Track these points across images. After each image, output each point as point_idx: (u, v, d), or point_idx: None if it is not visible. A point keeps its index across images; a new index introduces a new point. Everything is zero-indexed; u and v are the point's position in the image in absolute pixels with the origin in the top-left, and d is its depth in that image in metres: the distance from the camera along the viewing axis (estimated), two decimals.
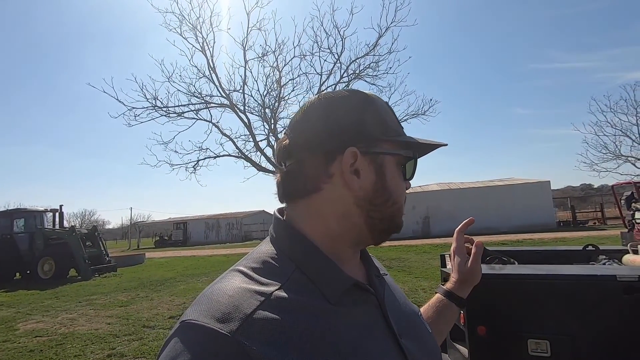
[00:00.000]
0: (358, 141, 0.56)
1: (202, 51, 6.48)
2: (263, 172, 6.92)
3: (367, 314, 0.53)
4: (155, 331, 5.25)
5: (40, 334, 5.50)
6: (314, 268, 0.52)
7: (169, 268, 13.19)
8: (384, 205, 0.56)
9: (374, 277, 0.60)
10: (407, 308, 0.63)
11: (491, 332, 2.12)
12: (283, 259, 0.52)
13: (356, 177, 0.55)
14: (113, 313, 6.54)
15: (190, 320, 0.43)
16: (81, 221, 71.09)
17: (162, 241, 34.22)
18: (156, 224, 45.86)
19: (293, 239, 0.55)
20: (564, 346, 1.99)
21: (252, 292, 0.46)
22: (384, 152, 0.57)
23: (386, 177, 0.56)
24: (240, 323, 0.42)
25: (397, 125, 0.59)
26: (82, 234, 13.04)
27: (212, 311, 0.43)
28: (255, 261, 0.53)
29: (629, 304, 1.93)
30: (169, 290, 8.45)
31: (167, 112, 6.54)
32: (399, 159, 0.58)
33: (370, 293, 0.55)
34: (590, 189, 42.58)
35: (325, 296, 0.49)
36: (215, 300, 0.45)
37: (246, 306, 0.44)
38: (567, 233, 15.31)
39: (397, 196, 0.57)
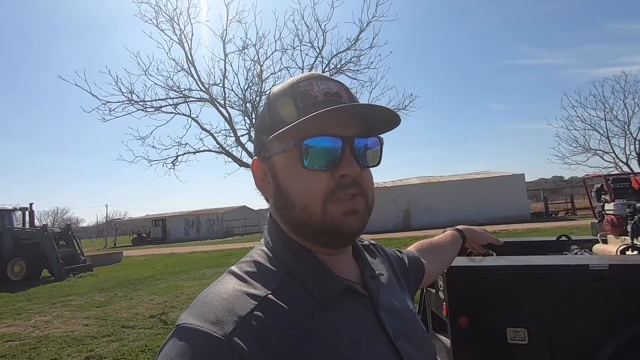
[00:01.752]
0: (259, 149, 0.57)
1: (180, 44, 6.29)
2: (244, 167, 6.81)
3: (360, 318, 0.51)
4: (135, 331, 5.13)
5: (12, 338, 5.27)
6: (304, 272, 0.51)
7: (148, 266, 12.88)
8: (285, 209, 0.53)
9: (369, 279, 0.58)
10: (403, 308, 0.61)
11: (472, 322, 2.19)
12: (275, 263, 0.52)
13: (269, 184, 0.56)
14: (90, 314, 6.34)
15: (185, 323, 0.44)
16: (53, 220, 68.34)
17: (140, 239, 33.34)
18: (133, 221, 44.64)
19: (283, 241, 0.54)
20: (541, 333, 2.08)
21: (246, 295, 0.46)
22: (272, 154, 0.54)
23: (279, 179, 0.53)
24: (234, 326, 0.42)
25: (287, 114, 0.51)
26: (54, 233, 12.55)
27: (206, 314, 0.44)
28: (248, 264, 0.53)
29: (600, 292, 2.04)
30: (149, 289, 8.26)
31: (144, 107, 6.32)
32: (292, 154, 0.51)
33: (363, 296, 0.54)
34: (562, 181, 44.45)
35: (316, 301, 0.49)
36: (210, 303, 0.46)
37: (240, 309, 0.44)
38: (540, 224, 15.93)
39: (296, 196, 0.51)
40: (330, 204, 0.50)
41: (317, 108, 0.49)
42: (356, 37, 6.43)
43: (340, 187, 0.50)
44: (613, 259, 2.37)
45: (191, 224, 34.97)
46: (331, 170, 0.50)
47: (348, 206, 0.50)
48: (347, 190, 0.50)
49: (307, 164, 0.50)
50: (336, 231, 0.50)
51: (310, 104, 0.51)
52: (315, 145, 0.49)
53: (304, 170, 0.50)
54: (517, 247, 3.32)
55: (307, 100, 0.51)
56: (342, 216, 0.50)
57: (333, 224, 0.50)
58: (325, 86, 0.54)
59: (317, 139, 0.49)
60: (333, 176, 0.50)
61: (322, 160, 0.50)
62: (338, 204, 0.50)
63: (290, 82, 0.55)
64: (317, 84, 0.54)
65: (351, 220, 0.51)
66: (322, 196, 0.50)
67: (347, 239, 0.54)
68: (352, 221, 0.51)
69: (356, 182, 0.51)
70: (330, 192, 0.50)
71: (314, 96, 0.52)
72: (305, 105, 0.51)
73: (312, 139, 0.49)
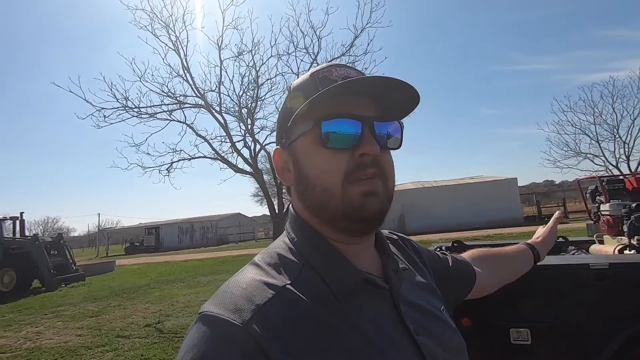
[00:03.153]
0: (280, 138, 0.58)
1: (176, 50, 6.28)
2: (240, 173, 6.78)
3: (378, 311, 0.51)
4: (130, 341, 5.03)
5: (3, 350, 5.14)
6: (322, 263, 0.51)
7: (142, 275, 12.70)
8: (306, 193, 0.53)
9: (392, 272, 0.57)
10: (428, 304, 0.59)
11: (475, 323, 2.19)
12: (295, 254, 0.53)
13: (289, 172, 0.56)
14: (83, 324, 6.21)
15: (206, 311, 0.45)
16: (43, 229, 67.06)
17: (133, 247, 32.86)
18: (126, 229, 44.08)
19: (302, 232, 0.55)
20: (544, 333, 2.09)
21: (265, 284, 0.47)
22: (293, 139, 0.54)
23: (300, 163, 0.53)
24: (253, 314, 0.43)
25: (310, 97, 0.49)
26: (46, 242, 12.32)
27: (226, 303, 0.45)
28: (270, 255, 0.54)
29: (601, 290, 2.06)
30: (143, 298, 8.13)
31: (139, 113, 6.28)
32: (312, 135, 0.51)
33: (383, 289, 0.53)
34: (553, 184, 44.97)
35: (334, 293, 0.49)
36: (230, 292, 0.47)
37: (258, 298, 0.45)
38: (534, 227, 15.94)
39: (317, 178, 0.51)
40: (349, 185, 0.49)
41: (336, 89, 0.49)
42: (350, 43, 6.48)
43: (360, 166, 0.49)
44: (612, 257, 2.40)
45: (185, 232, 34.62)
46: (351, 149, 0.50)
47: (367, 186, 0.49)
48: (367, 169, 0.49)
49: (327, 143, 0.49)
50: (356, 214, 0.49)
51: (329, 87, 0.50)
52: (334, 124, 0.49)
53: (324, 150, 0.50)
54: None
55: (326, 84, 0.51)
56: (361, 197, 0.49)
57: (353, 206, 0.49)
58: (344, 72, 0.54)
59: (336, 119, 0.49)
60: (353, 155, 0.49)
61: (342, 140, 0.49)
62: (357, 185, 0.49)
63: (311, 72, 0.56)
64: (337, 70, 0.54)
65: (371, 201, 0.49)
66: (341, 175, 0.49)
67: (368, 224, 0.52)
68: (372, 202, 0.49)
69: (376, 162, 0.50)
70: (350, 172, 0.49)
71: (333, 80, 0.52)
72: (324, 88, 0.50)
73: (331, 119, 0.49)
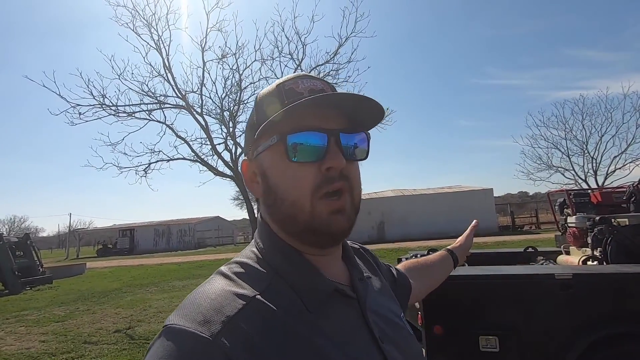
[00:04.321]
0: (247, 149, 0.58)
1: (157, 49, 6.17)
2: (220, 176, 6.68)
3: (348, 320, 0.51)
4: (98, 347, 4.84)
5: None
6: (293, 274, 0.51)
7: (114, 278, 12.27)
8: (274, 206, 0.53)
9: (357, 281, 0.58)
10: (390, 311, 0.61)
11: (446, 331, 2.24)
12: (264, 264, 0.52)
13: (258, 184, 0.56)
14: (48, 329, 5.93)
15: (172, 324, 0.43)
16: (9, 228, 63.91)
17: (105, 250, 31.70)
18: (99, 230, 42.51)
19: (272, 242, 0.54)
20: (511, 340, 2.15)
21: (234, 295, 0.46)
22: (259, 152, 0.54)
23: (268, 176, 0.53)
24: (222, 326, 0.42)
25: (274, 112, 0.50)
26: (11, 242, 11.75)
27: (193, 314, 0.43)
28: (238, 265, 0.53)
29: (565, 299, 2.15)
30: (114, 303, 7.84)
31: (117, 112, 6.11)
32: (277, 149, 0.51)
33: (351, 298, 0.54)
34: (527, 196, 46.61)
35: (305, 304, 0.49)
36: (197, 303, 0.45)
37: (228, 310, 0.44)
38: (508, 237, 16.56)
39: (285, 192, 0.51)
40: (318, 202, 0.49)
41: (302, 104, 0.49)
42: (335, 51, 6.56)
43: (327, 180, 0.50)
44: (576, 268, 2.51)
45: (161, 235, 33.70)
46: (317, 163, 0.50)
47: (334, 205, 0.50)
48: (334, 183, 0.50)
49: (292, 158, 0.49)
50: (324, 230, 0.50)
51: (295, 100, 0.50)
52: (299, 138, 0.49)
53: (291, 164, 0.50)
54: (488, 257, 3.44)
55: (292, 97, 0.51)
56: (329, 215, 0.50)
57: (321, 222, 0.50)
58: (310, 84, 0.54)
59: (301, 133, 0.49)
60: (320, 169, 0.50)
61: (308, 153, 0.50)
62: (325, 203, 0.49)
63: (277, 83, 0.56)
64: (302, 82, 0.54)
65: (338, 219, 0.50)
66: (310, 190, 0.49)
67: (335, 238, 0.53)
68: (339, 220, 0.51)
69: (343, 175, 0.51)
70: (318, 186, 0.49)
71: (299, 93, 0.52)
72: (290, 101, 0.51)
73: (296, 133, 0.49)
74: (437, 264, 1.03)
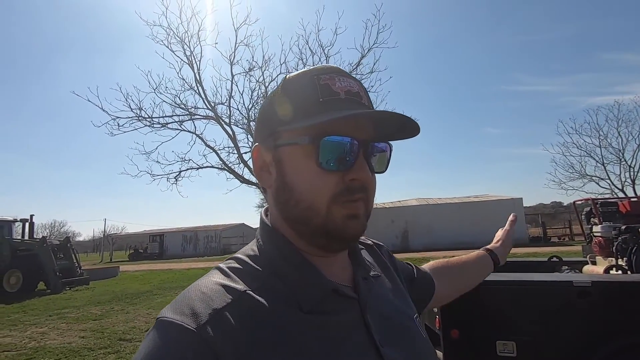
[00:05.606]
0: (263, 136, 0.54)
1: (189, 64, 6.57)
2: (246, 184, 6.97)
3: (344, 321, 0.50)
4: (132, 344, 5.14)
5: (8, 348, 5.26)
6: (289, 273, 0.50)
7: (145, 281, 12.82)
8: (287, 204, 0.51)
9: (361, 280, 0.56)
10: (400, 313, 0.58)
11: (463, 335, 2.29)
12: (261, 262, 0.52)
13: (269, 174, 0.54)
14: (87, 327, 6.33)
15: (162, 317, 0.45)
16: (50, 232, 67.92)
17: (136, 254, 33.06)
18: (131, 236, 44.33)
19: (273, 241, 0.54)
20: (528, 346, 2.19)
21: (225, 289, 0.47)
22: (280, 144, 0.51)
23: (284, 173, 0.51)
24: (208, 319, 0.43)
25: (306, 105, 0.49)
26: (53, 245, 12.54)
27: (182, 307, 0.44)
28: (235, 261, 0.53)
29: (584, 307, 2.16)
30: (146, 304, 8.24)
31: (152, 123, 6.54)
32: (305, 149, 0.49)
33: (351, 299, 0.52)
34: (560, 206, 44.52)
35: (299, 303, 0.48)
36: (189, 297, 0.46)
37: (216, 303, 0.45)
38: (538, 248, 15.93)
39: (302, 194, 0.49)
40: (333, 206, 0.49)
41: (339, 105, 0.48)
42: (357, 62, 6.73)
43: (348, 190, 0.49)
44: (595, 276, 2.49)
45: (189, 240, 34.76)
46: (342, 172, 0.49)
47: (351, 209, 0.50)
48: (354, 194, 0.49)
49: (321, 163, 0.48)
50: (338, 234, 0.50)
51: (332, 100, 0.49)
52: (332, 145, 0.48)
53: (316, 168, 0.48)
54: (512, 266, 3.44)
55: (329, 95, 0.49)
56: (344, 219, 0.49)
57: (335, 227, 0.49)
58: (347, 84, 0.52)
59: (335, 138, 0.48)
60: (343, 178, 0.49)
61: (336, 161, 0.48)
62: (341, 207, 0.49)
63: (310, 72, 0.53)
64: (339, 80, 0.52)
65: (353, 224, 0.50)
66: (329, 197, 0.49)
67: (347, 243, 0.53)
68: (354, 225, 0.50)
69: (364, 187, 0.50)
70: (338, 194, 0.49)
71: (336, 92, 0.50)
72: (326, 100, 0.49)
73: (330, 137, 0.48)
74: (472, 265, 0.95)
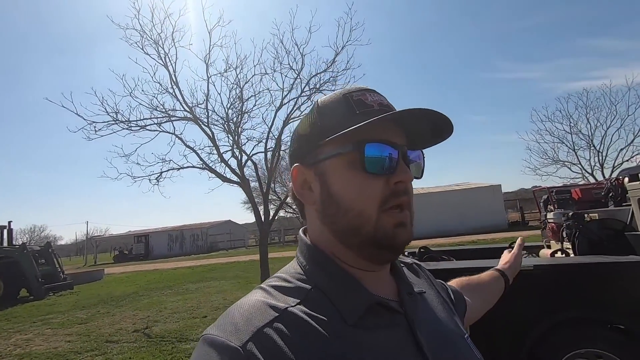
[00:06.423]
0: (303, 155, 0.56)
1: (165, 66, 6.57)
2: (227, 182, 7.06)
3: (392, 336, 0.49)
4: (119, 345, 5.23)
5: None
6: (332, 286, 0.50)
7: (131, 283, 12.78)
8: (336, 216, 0.51)
9: (406, 295, 0.55)
10: (449, 330, 0.57)
11: None
12: (303, 278, 0.52)
13: (310, 191, 0.55)
14: (72, 331, 6.36)
15: (206, 334, 0.46)
16: (30, 238, 65.96)
17: (121, 256, 32.58)
18: (115, 237, 43.64)
19: (313, 256, 0.54)
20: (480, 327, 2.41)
21: (267, 306, 0.47)
22: (322, 158, 0.53)
23: (329, 185, 0.52)
24: (250, 336, 0.43)
25: (344, 119, 0.51)
26: (34, 251, 12.35)
27: (226, 325, 0.45)
28: (277, 279, 0.53)
29: (527, 288, 2.40)
30: (132, 305, 8.28)
31: (129, 126, 6.54)
32: (348, 157, 0.51)
33: (398, 313, 0.52)
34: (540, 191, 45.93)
35: (343, 317, 0.47)
36: (232, 314, 0.47)
37: (258, 320, 0.45)
38: (517, 232, 16.55)
39: (351, 202, 0.50)
40: (383, 214, 0.50)
41: (375, 115, 0.49)
42: (332, 59, 6.87)
43: (394, 194, 0.50)
44: (538, 260, 2.75)
45: (175, 240, 34.47)
46: (386, 176, 0.50)
47: (399, 218, 0.50)
48: (401, 197, 0.50)
49: (367, 167, 0.49)
50: (387, 242, 0.50)
51: (367, 111, 0.51)
52: (375, 150, 0.49)
53: (361, 175, 0.50)
54: (472, 253, 3.69)
55: (363, 107, 0.51)
56: (393, 228, 0.50)
57: (385, 234, 0.50)
58: (378, 98, 0.55)
59: (377, 145, 0.50)
60: (388, 183, 0.50)
61: (381, 166, 0.50)
62: (390, 216, 0.50)
63: (343, 92, 0.56)
64: (371, 95, 0.55)
65: (402, 232, 0.51)
66: (378, 202, 0.50)
67: (395, 252, 0.53)
68: (403, 233, 0.51)
69: (407, 190, 0.52)
70: (386, 199, 0.50)
71: (369, 105, 0.52)
72: (362, 112, 0.51)
73: (372, 143, 0.49)
74: (490, 285, 0.98)
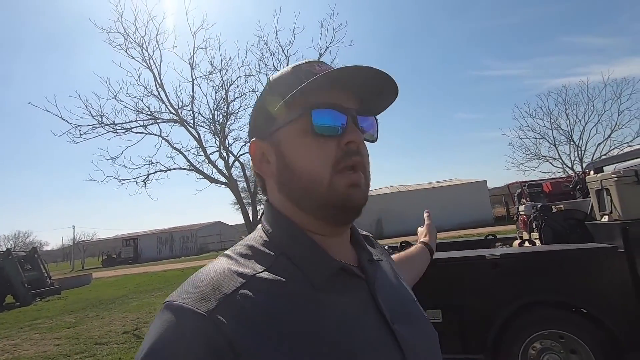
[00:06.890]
0: (259, 129, 0.58)
1: (149, 68, 6.59)
2: (215, 183, 7.11)
3: (355, 300, 0.51)
4: (108, 347, 5.27)
5: None
6: (298, 252, 0.52)
7: (120, 286, 12.72)
8: (291, 181, 0.53)
9: (366, 262, 0.58)
10: (403, 294, 0.61)
11: None
12: (269, 244, 0.53)
13: (268, 163, 0.56)
14: (61, 335, 6.36)
15: (171, 300, 0.45)
16: (14, 244, 64.47)
17: (110, 260, 32.16)
18: (103, 241, 42.96)
19: (278, 222, 0.55)
20: (452, 312, 2.58)
21: (234, 273, 0.47)
22: (275, 129, 0.54)
23: (284, 153, 0.53)
24: (218, 303, 0.43)
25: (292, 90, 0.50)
26: (19, 257, 12.21)
27: (192, 292, 0.45)
28: (243, 247, 0.53)
29: (495, 276, 2.57)
30: (121, 308, 8.29)
31: (114, 128, 6.55)
32: (299, 124, 0.52)
33: (360, 278, 0.54)
34: None
35: (310, 281, 0.49)
36: (197, 281, 0.47)
37: (226, 287, 0.45)
38: (502, 227, 16.97)
39: (303, 166, 0.51)
40: (336, 176, 0.51)
41: None
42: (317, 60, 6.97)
43: (346, 154, 0.51)
44: (505, 250, 2.94)
45: (164, 242, 34.20)
46: (338, 137, 0.51)
47: (352, 179, 0.51)
48: (353, 157, 0.51)
49: (316, 130, 0.50)
50: (341, 204, 0.51)
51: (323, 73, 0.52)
52: (324, 113, 0.51)
53: (312, 139, 0.51)
54: (450, 245, 3.87)
55: (312, 77, 0.51)
56: (346, 188, 0.51)
57: (338, 196, 0.51)
58: (326, 67, 0.56)
59: (326, 109, 0.51)
60: (339, 144, 0.51)
61: (330, 128, 0.51)
62: (343, 177, 0.51)
63: (292, 66, 0.57)
64: (319, 66, 0.56)
65: (355, 192, 0.52)
66: (330, 163, 0.51)
67: (350, 213, 0.54)
68: (356, 193, 0.52)
69: (360, 151, 0.52)
70: (338, 160, 0.51)
71: (317, 74, 0.53)
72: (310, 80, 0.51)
73: (320, 108, 0.51)
74: (418, 257, 1.05)
